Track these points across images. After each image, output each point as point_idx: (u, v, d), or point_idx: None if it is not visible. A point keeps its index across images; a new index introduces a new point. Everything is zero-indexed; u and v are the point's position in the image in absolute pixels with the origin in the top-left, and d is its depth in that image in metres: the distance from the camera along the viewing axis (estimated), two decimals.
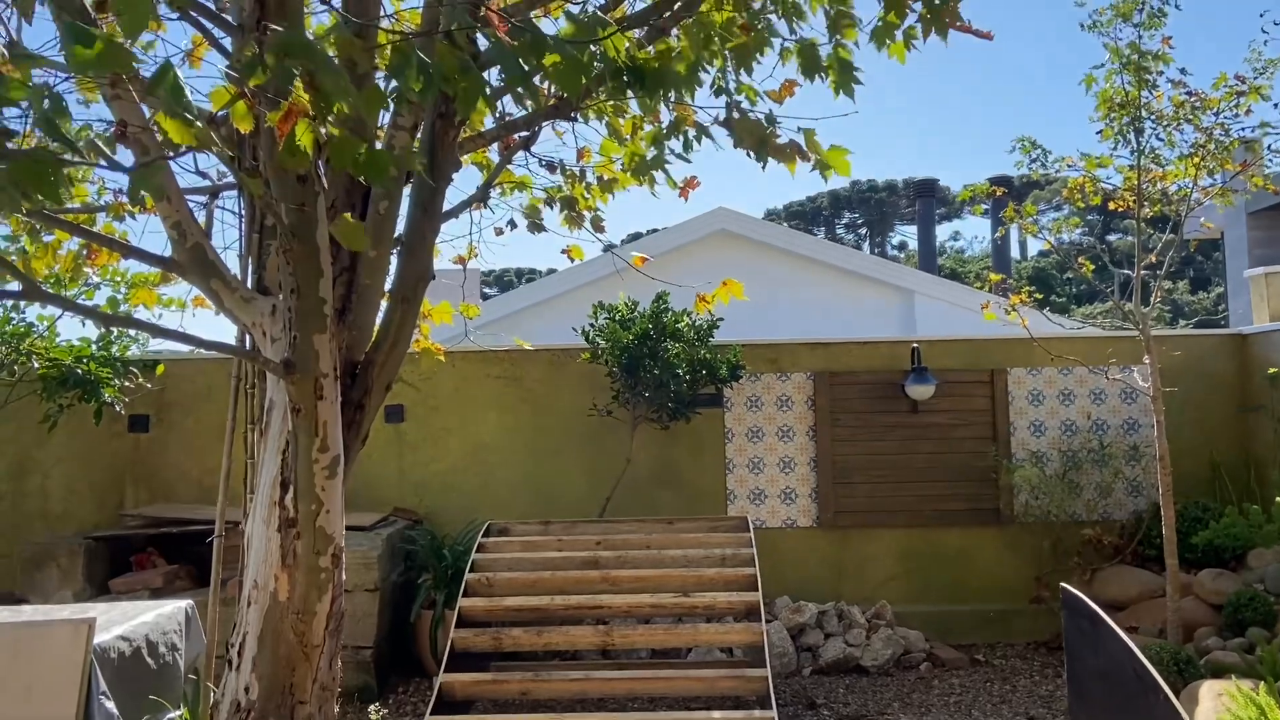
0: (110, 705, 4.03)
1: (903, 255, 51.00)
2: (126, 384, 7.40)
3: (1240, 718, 4.38)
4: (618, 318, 7.75)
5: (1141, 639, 6.70)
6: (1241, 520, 6.77)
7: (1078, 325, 7.75)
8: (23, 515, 7.90)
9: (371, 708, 6.04)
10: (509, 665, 6.33)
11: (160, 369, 7.64)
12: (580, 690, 5.56)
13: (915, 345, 8.09)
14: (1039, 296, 6.95)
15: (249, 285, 4.89)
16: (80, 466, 7.99)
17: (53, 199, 2.90)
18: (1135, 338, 8.01)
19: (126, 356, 7.43)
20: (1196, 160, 6.54)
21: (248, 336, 5.01)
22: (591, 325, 7.85)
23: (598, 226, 6.52)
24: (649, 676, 5.61)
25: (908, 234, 54.58)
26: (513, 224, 6.43)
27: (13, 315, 6.79)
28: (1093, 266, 6.75)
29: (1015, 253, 46.48)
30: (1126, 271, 6.74)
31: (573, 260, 6.71)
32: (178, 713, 4.64)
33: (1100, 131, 6.58)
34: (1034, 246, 47.79)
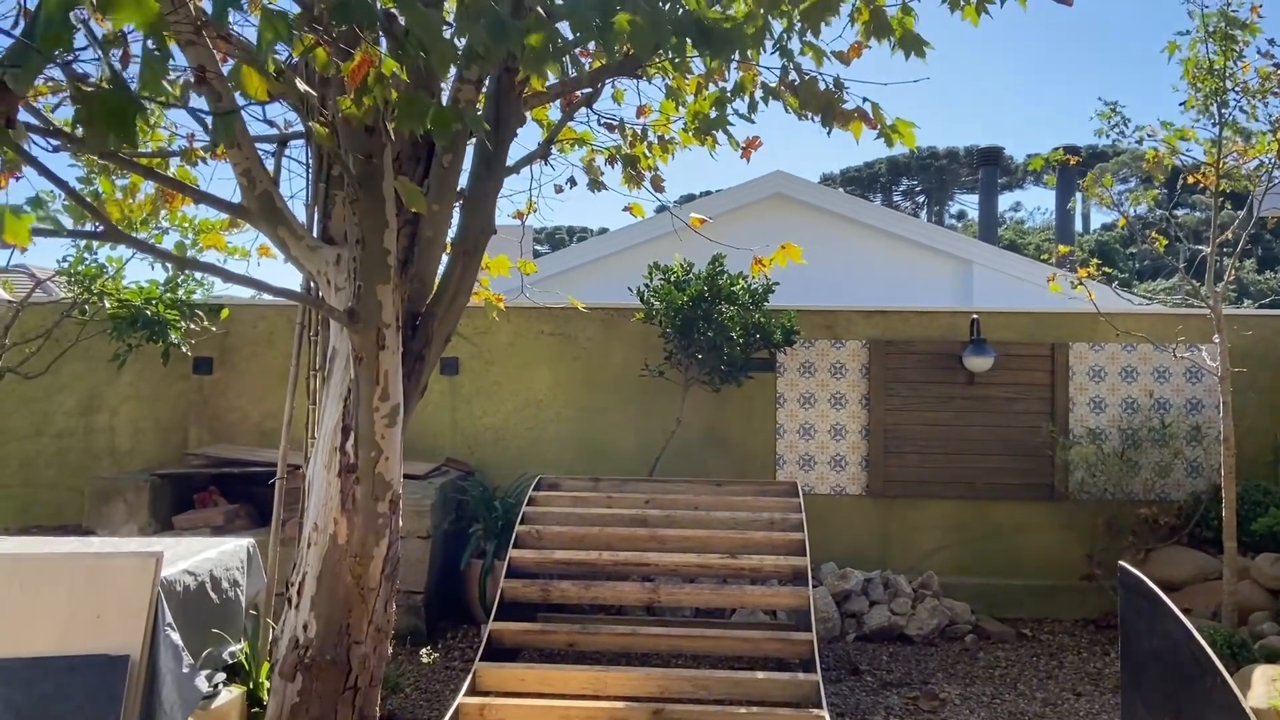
0: (175, 636, 4.18)
1: (960, 225, 50.07)
2: (192, 326, 7.58)
3: None
4: (673, 279, 7.73)
5: (1195, 621, 6.59)
6: None
7: (1144, 301, 7.55)
8: (91, 452, 8.16)
9: (423, 650, 6.20)
10: (554, 617, 6.43)
11: (225, 313, 7.81)
12: (626, 644, 5.63)
13: (974, 316, 7.97)
14: (1107, 270, 6.77)
15: (314, 235, 4.97)
16: (146, 405, 8.22)
17: (130, 141, 2.95)
18: (1205, 316, 7.82)
19: (192, 300, 7.60)
20: None
21: (312, 284, 5.10)
22: (646, 285, 7.85)
23: (657, 186, 6.50)
24: (694, 635, 5.67)
25: (967, 203, 53.51)
26: (573, 181, 6.43)
27: (85, 256, 6.98)
28: (1165, 241, 6.57)
29: (1078, 225, 45.41)
30: (1200, 247, 6.54)
31: (635, 217, 6.71)
32: (238, 646, 4.80)
33: (1183, 102, 6.37)
34: (1096, 220, 46.59)
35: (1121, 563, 3.98)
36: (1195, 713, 3.27)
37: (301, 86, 4.05)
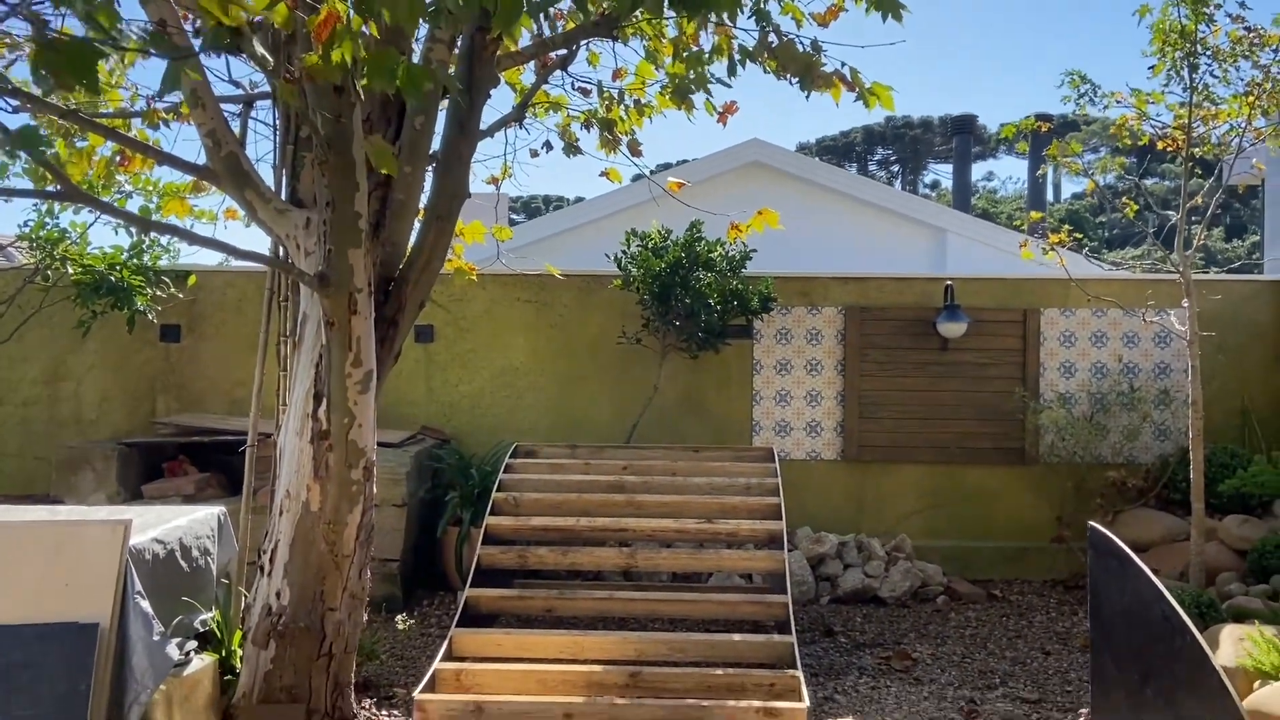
0: (145, 604, 4.13)
1: (934, 194, 50.17)
2: (158, 293, 7.46)
3: (1261, 662, 4.40)
4: (650, 245, 7.69)
5: (1164, 581, 6.69)
6: (1270, 469, 6.73)
7: (1113, 268, 7.62)
8: (57, 420, 8.04)
9: (399, 618, 6.19)
10: (532, 583, 6.44)
11: (192, 280, 7.69)
12: (603, 609, 5.65)
13: (949, 283, 8.00)
14: (1078, 237, 6.81)
15: (283, 198, 4.88)
16: (113, 374, 8.10)
17: (92, 89, 2.87)
18: (1174, 281, 7.88)
19: (158, 267, 7.47)
20: (1251, 99, 6.34)
21: (281, 249, 5.02)
22: (624, 252, 7.80)
23: (634, 150, 6.44)
24: (671, 598, 5.69)
25: (941, 172, 53.57)
26: (549, 146, 6.35)
27: (46, 220, 6.83)
28: (1136, 207, 6.60)
29: (1049, 195, 45.67)
30: (1170, 213, 6.58)
31: (612, 182, 6.64)
32: (210, 614, 4.75)
33: (1152, 66, 6.37)
34: (1068, 188, 46.86)
35: (1091, 523, 4.02)
36: (1165, 670, 3.32)
37: (259, 49, 3.96)
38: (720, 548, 6.23)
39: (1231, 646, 4.79)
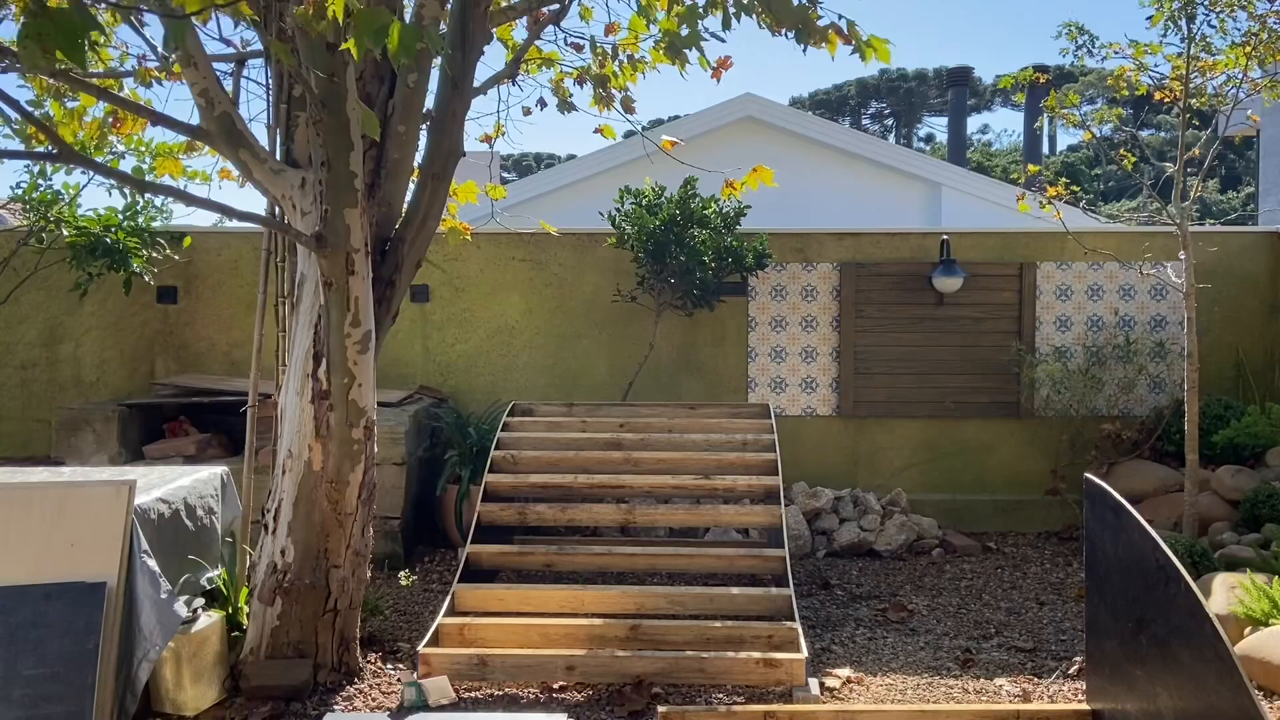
0: (152, 563, 4.18)
1: (929, 147, 49.84)
2: (154, 255, 7.43)
3: (1253, 609, 4.48)
4: (644, 203, 7.66)
5: (1157, 531, 6.77)
6: (1264, 419, 6.78)
7: (1109, 221, 7.63)
8: (56, 383, 8.05)
9: (401, 574, 6.25)
10: (530, 540, 6.49)
11: (187, 241, 7.65)
12: (602, 564, 5.71)
13: (945, 237, 7.99)
14: (1075, 190, 6.79)
15: (277, 158, 4.85)
16: (111, 336, 8.09)
17: (78, 63, 2.85)
18: (1171, 233, 7.88)
19: (152, 228, 7.43)
20: (1248, 49, 6.30)
21: (277, 209, 5.01)
22: (618, 210, 7.77)
23: (628, 107, 6.40)
24: (670, 553, 5.76)
25: (935, 125, 53.13)
26: (542, 103, 6.31)
27: (40, 182, 6.78)
28: (1134, 159, 6.59)
29: (1044, 147, 45.38)
30: (1167, 165, 6.57)
31: (606, 139, 6.61)
32: (216, 573, 4.81)
33: (1150, 17, 6.32)
34: (1064, 141, 46.49)
35: (1087, 475, 4.07)
36: (1159, 619, 3.38)
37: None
38: (718, 503, 6.28)
39: (1224, 594, 4.87)
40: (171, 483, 4.75)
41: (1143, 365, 7.91)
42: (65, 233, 6.90)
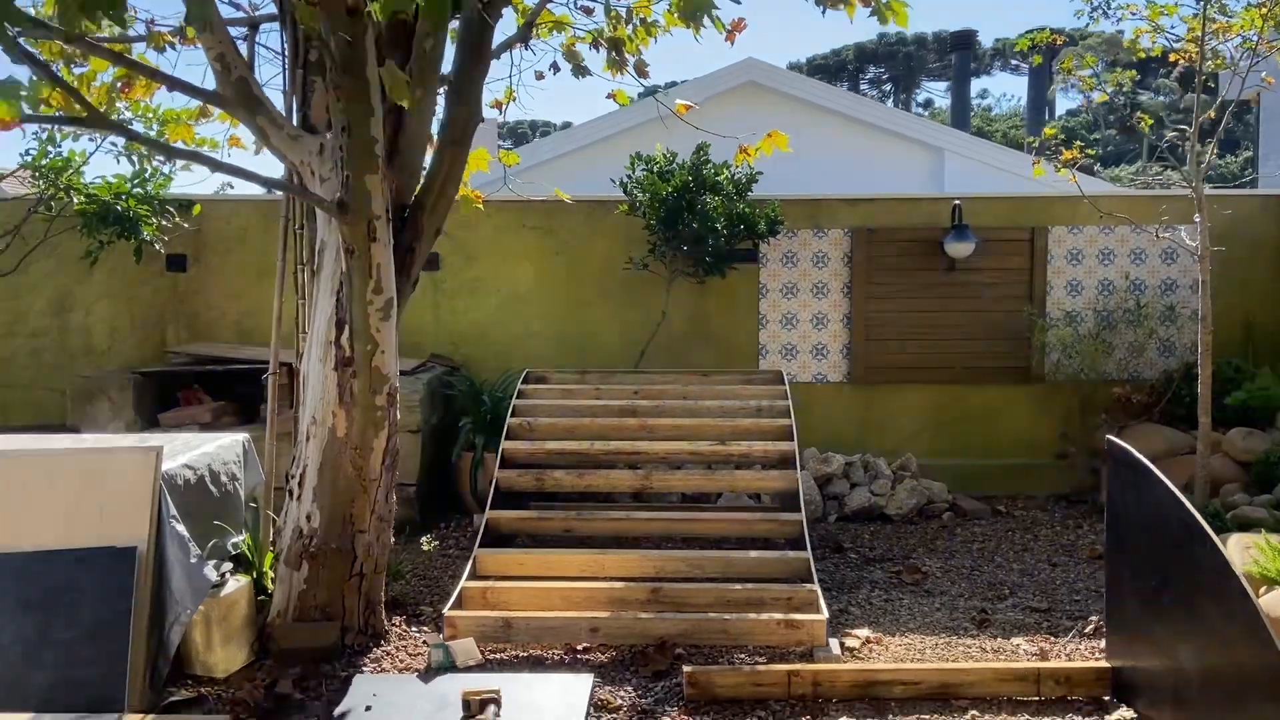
0: (181, 528, 4.21)
1: (928, 113, 49.45)
2: (163, 223, 7.41)
3: (1267, 569, 4.53)
4: (655, 169, 7.63)
5: None
6: (1276, 381, 6.81)
7: (1112, 185, 7.64)
8: (67, 351, 8.06)
9: (424, 539, 6.30)
10: (543, 506, 6.52)
11: (197, 209, 7.63)
12: (620, 529, 5.76)
13: (956, 203, 7.98)
14: (1091, 154, 6.77)
15: (294, 124, 4.83)
16: (121, 304, 8.09)
17: (119, 23, 2.84)
18: (1182, 196, 7.88)
19: (161, 196, 7.41)
20: (1264, 10, 6.26)
21: (294, 176, 4.99)
22: (629, 177, 7.75)
23: (641, 71, 6.35)
24: (687, 517, 5.81)
25: (934, 90, 52.68)
26: (556, 67, 6.26)
27: (49, 149, 6.75)
28: (1150, 121, 6.56)
29: (1044, 112, 45.10)
30: (1182, 128, 6.54)
31: (618, 105, 6.57)
32: (240, 538, 4.85)
33: None
34: (1062, 105, 46.15)
35: (1109, 436, 4.10)
36: (1183, 578, 3.43)
37: None
38: (733, 469, 6.31)
39: (1238, 554, 4.92)
40: (195, 449, 4.78)
41: (1153, 329, 7.93)
42: (75, 200, 6.87)
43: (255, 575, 4.75)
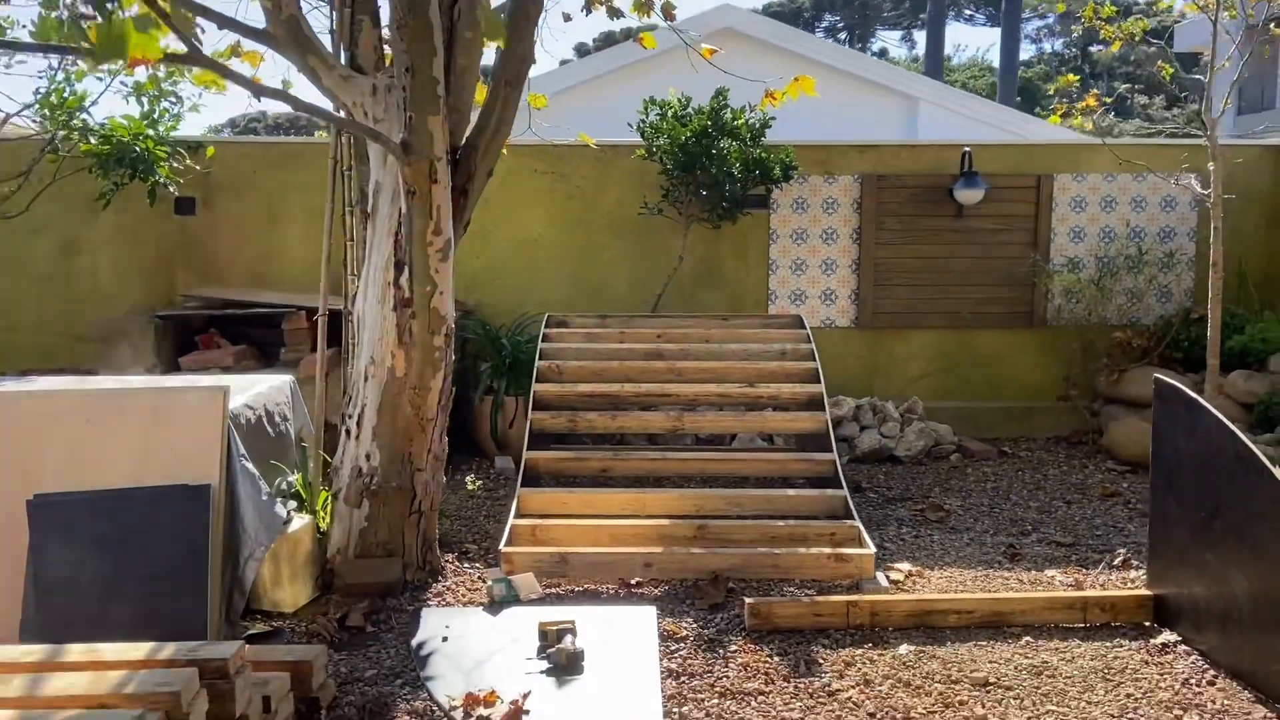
0: (251, 466, 4.27)
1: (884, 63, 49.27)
2: (175, 165, 7.31)
3: None
4: (670, 114, 7.64)
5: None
6: (1275, 325, 7.07)
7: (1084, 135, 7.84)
8: (76, 295, 7.95)
9: (468, 478, 6.39)
10: (567, 447, 6.58)
11: (210, 151, 7.53)
12: (655, 469, 5.90)
13: (966, 149, 8.09)
14: (1108, 100, 6.91)
15: (343, 63, 4.80)
16: (129, 248, 7.98)
17: None
18: (1185, 146, 8.08)
19: (173, 137, 7.29)
20: None
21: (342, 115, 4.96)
22: (643, 121, 7.75)
23: (668, 14, 6.41)
24: (723, 457, 5.96)
25: (889, 40, 52.51)
26: (587, 9, 6.25)
27: (65, 88, 6.60)
28: (1171, 70, 6.71)
29: (997, 61, 45.34)
30: (1199, 76, 6.70)
31: (644, 48, 6.59)
32: (294, 477, 4.90)
33: None
34: (1022, 55, 46.20)
35: (1157, 375, 4.28)
36: (1237, 506, 3.62)
37: None
38: (764, 410, 6.43)
39: None
40: (250, 390, 4.81)
41: (1153, 275, 8.16)
42: (92, 140, 6.74)
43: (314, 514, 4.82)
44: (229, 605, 4.16)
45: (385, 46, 4.93)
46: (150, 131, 6.98)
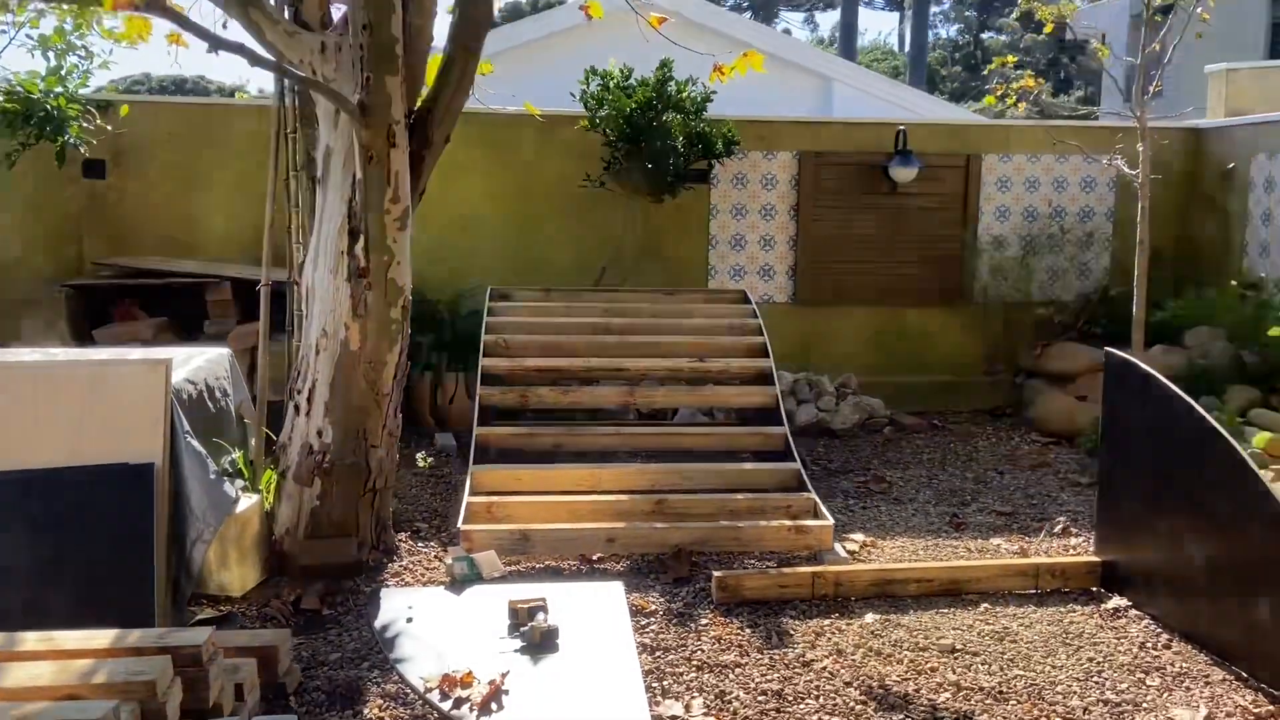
0: (196, 443, 4.05)
1: None
2: (85, 125, 6.89)
3: None
4: (612, 84, 7.53)
5: (1093, 406, 7.39)
6: (1195, 303, 7.38)
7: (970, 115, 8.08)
8: None
9: (419, 455, 6.22)
10: (528, 422, 6.47)
11: (124, 110, 7.10)
12: (608, 444, 5.84)
13: (901, 128, 8.20)
14: (1042, 82, 7.07)
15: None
16: (32, 213, 7.49)
17: None
18: (1104, 128, 8.36)
19: (80, 96, 6.86)
20: None
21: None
22: (584, 91, 7.62)
23: None
24: (675, 431, 5.94)
25: (791, 21, 53.15)
26: None
27: None
28: (1107, 52, 6.90)
29: (896, 45, 46.52)
30: (1130, 59, 6.91)
31: (589, 18, 6.44)
32: (235, 455, 4.69)
33: None
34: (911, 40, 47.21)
35: (1109, 349, 4.41)
36: (1191, 474, 3.76)
37: None
38: (714, 385, 6.41)
39: None
40: (189, 364, 4.57)
41: (1073, 254, 8.43)
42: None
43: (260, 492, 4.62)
44: (176, 590, 3.95)
45: (331, 3, 4.72)
46: (59, 89, 6.54)
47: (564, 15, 11.18)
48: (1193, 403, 3.76)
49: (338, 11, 4.68)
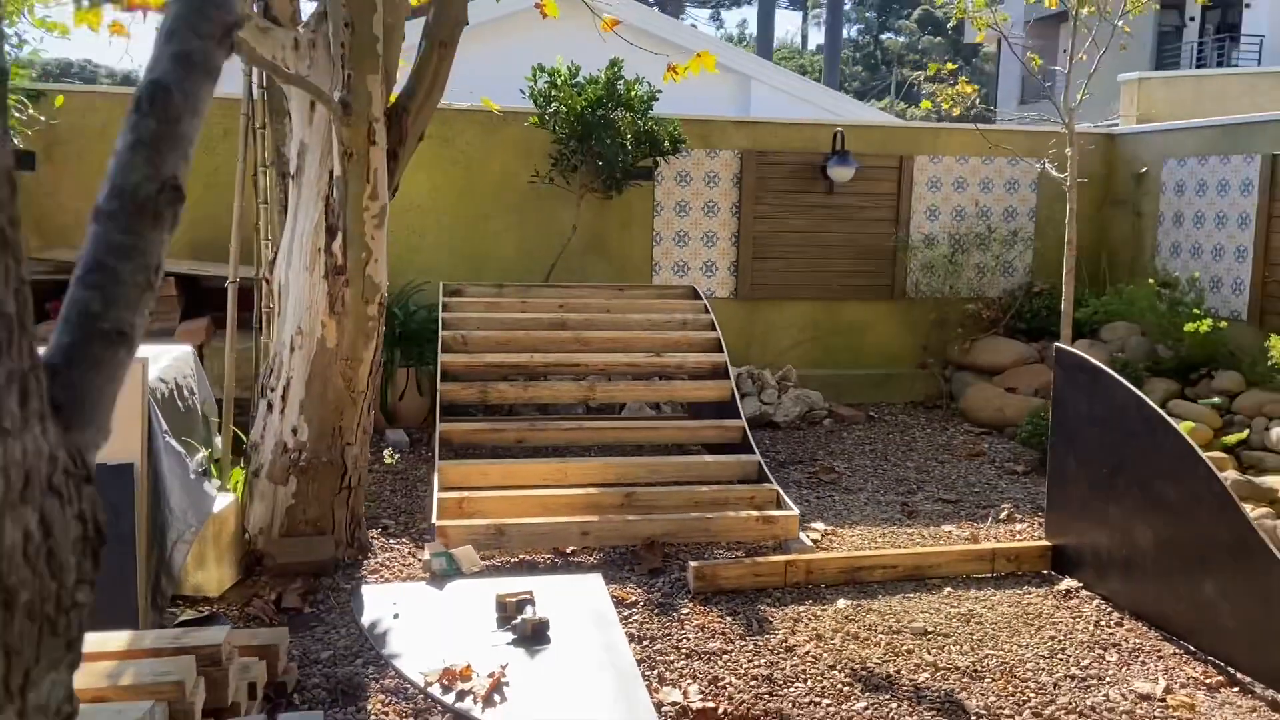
0: (175, 443, 4.00)
1: None
2: (16, 115, 6.64)
3: None
4: (560, 81, 7.59)
5: (1022, 398, 7.78)
6: (1117, 300, 7.81)
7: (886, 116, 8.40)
8: None
9: (386, 451, 6.18)
10: (482, 420, 6.50)
11: (59, 100, 6.87)
12: (571, 439, 5.92)
13: (839, 130, 8.45)
14: (977, 88, 7.38)
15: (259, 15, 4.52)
16: None
17: None
18: (1023, 132, 8.76)
19: (12, 84, 6.60)
20: None
21: (254, 72, 4.70)
22: (532, 87, 7.66)
23: None
24: (637, 425, 6.04)
25: (698, 17, 53.79)
26: None
27: None
28: (1039, 60, 7.24)
29: (799, 44, 47.54)
30: (1058, 68, 7.27)
31: (544, 16, 6.49)
32: (204, 454, 4.62)
33: None
34: (814, 40, 48.33)
35: (1058, 345, 4.68)
36: (1141, 463, 4.04)
37: None
38: (671, 380, 6.53)
39: None
40: (159, 361, 4.48)
41: (999, 252, 8.83)
42: None
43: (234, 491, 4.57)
44: (156, 592, 3.90)
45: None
46: None
47: (488, 8, 11.11)
48: (1143, 396, 4.04)
49: (306, 8, 4.65)
